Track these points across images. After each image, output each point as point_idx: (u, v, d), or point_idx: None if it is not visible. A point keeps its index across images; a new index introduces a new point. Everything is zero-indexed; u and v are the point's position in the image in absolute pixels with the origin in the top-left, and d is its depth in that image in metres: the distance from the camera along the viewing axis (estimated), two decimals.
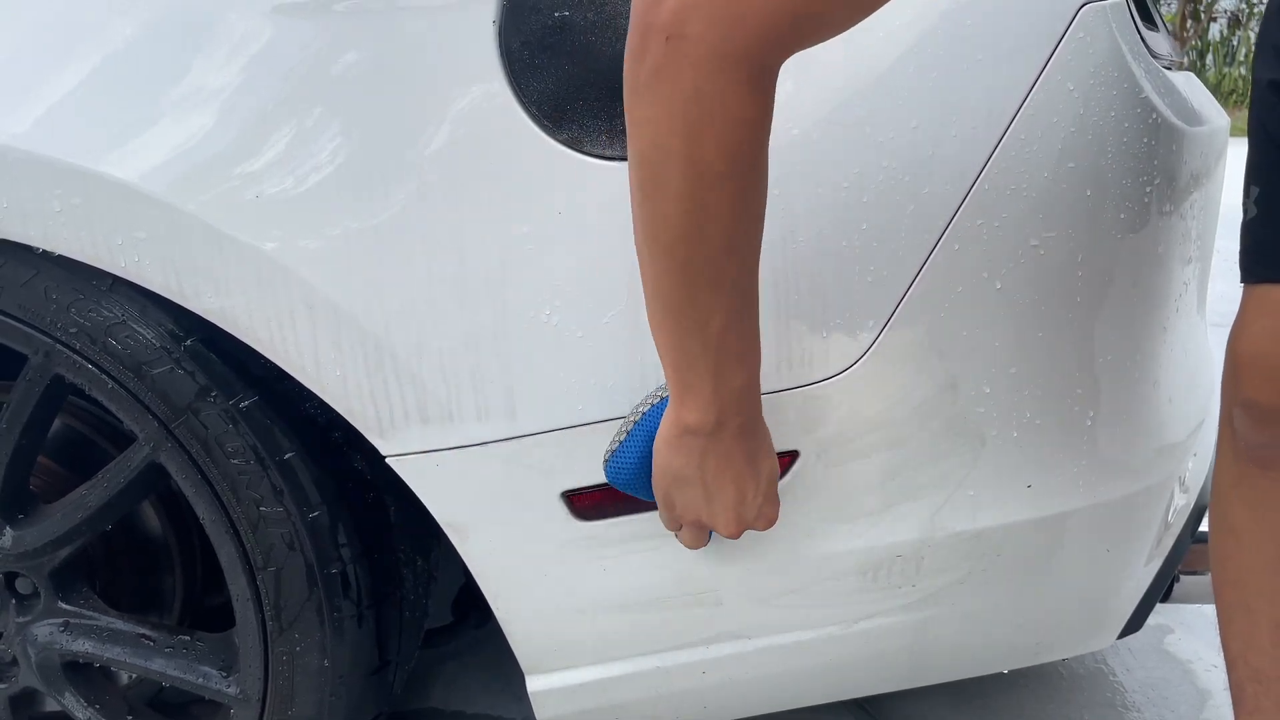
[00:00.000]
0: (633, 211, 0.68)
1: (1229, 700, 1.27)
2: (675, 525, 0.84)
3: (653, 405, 0.81)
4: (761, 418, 0.79)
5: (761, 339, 0.77)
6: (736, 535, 0.82)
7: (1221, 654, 0.92)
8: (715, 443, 0.76)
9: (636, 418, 0.81)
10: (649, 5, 0.60)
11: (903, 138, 0.78)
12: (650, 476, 0.81)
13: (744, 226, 0.67)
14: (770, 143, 0.77)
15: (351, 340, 0.82)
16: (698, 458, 0.77)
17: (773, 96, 0.63)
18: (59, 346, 0.88)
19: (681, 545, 0.85)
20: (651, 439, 0.80)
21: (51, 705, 1.12)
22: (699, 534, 0.84)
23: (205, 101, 0.79)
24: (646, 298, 0.72)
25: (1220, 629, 0.83)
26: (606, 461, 0.82)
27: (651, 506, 0.85)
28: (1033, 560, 0.92)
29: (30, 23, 0.83)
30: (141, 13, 0.80)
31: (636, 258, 0.71)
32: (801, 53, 0.77)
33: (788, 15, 0.60)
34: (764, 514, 0.81)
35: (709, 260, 0.67)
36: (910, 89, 0.78)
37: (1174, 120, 0.84)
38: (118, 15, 0.81)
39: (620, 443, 0.81)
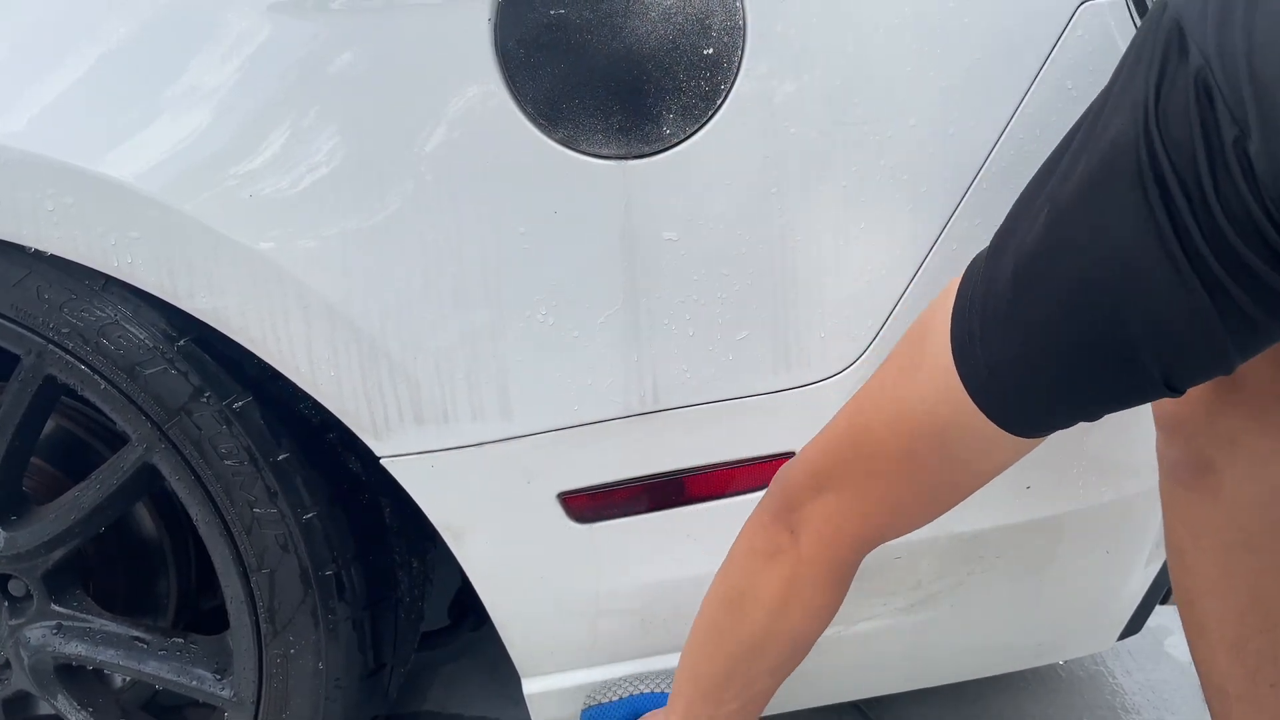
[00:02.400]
0: (702, 609, 0.84)
1: None
2: None
3: (654, 692, 0.88)
4: None
5: (770, 337, 0.79)
6: None
7: None
8: None
9: (635, 691, 0.89)
10: (787, 498, 0.77)
11: (901, 137, 0.78)
12: None
13: (792, 663, 0.82)
14: (771, 143, 0.77)
15: (346, 340, 0.81)
16: None
17: (846, 587, 0.79)
18: (51, 347, 0.87)
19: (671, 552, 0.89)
20: (632, 716, 0.89)
21: (45, 708, 1.11)
22: None
23: (200, 100, 0.78)
24: (688, 648, 0.84)
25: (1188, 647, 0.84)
26: (587, 708, 0.90)
27: (651, 507, 0.85)
28: (1032, 562, 0.92)
29: (25, 21, 0.83)
30: (137, 11, 0.80)
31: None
32: (801, 53, 0.77)
33: (879, 536, 0.75)
34: None
35: (751, 676, 0.82)
36: (908, 88, 0.78)
37: None
38: (113, 14, 0.80)
39: (610, 701, 0.89)
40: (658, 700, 0.88)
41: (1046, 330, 0.60)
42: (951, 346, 0.65)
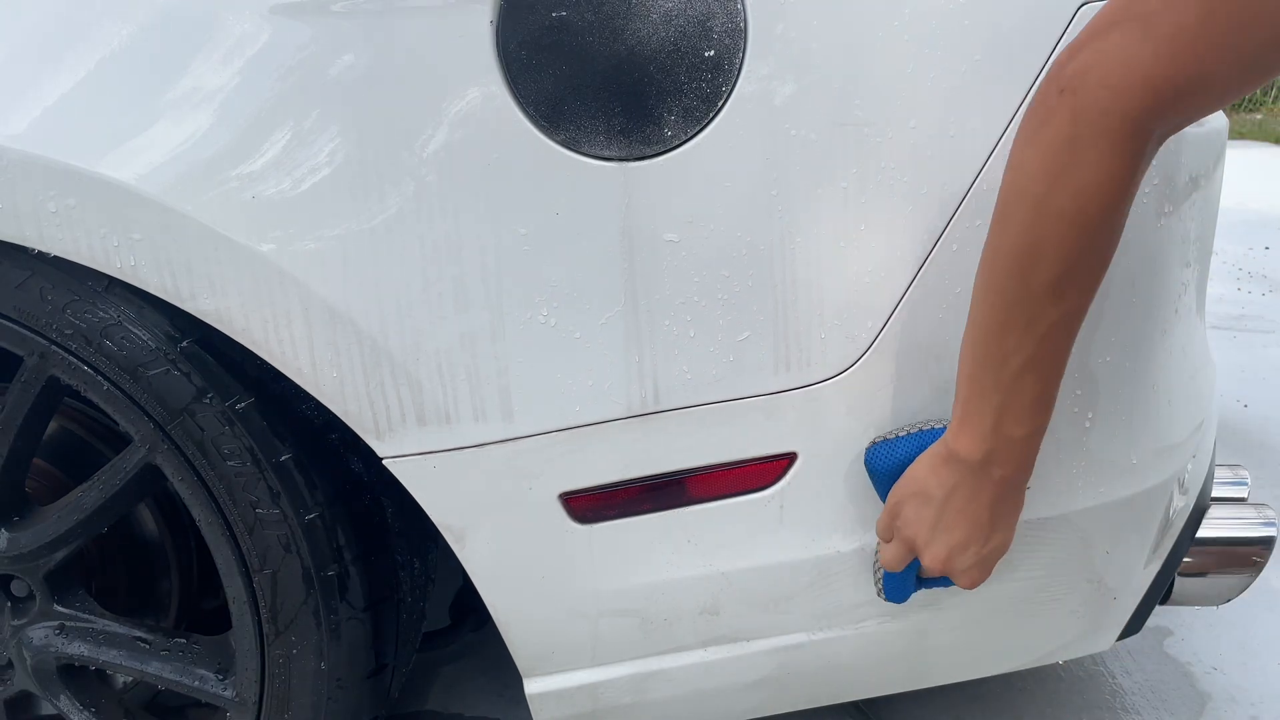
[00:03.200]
0: (988, 231, 0.72)
1: (1229, 702, 1.27)
2: (887, 535, 0.84)
3: (942, 425, 0.82)
4: (1024, 488, 0.79)
5: (771, 338, 0.77)
6: (936, 574, 0.83)
7: (1221, 657, 0.91)
8: (973, 479, 0.77)
9: (925, 426, 0.83)
10: (1059, 63, 0.65)
11: (901, 138, 0.78)
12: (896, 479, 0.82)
13: (1076, 280, 0.69)
14: (772, 144, 0.77)
15: (348, 341, 0.81)
16: (951, 484, 0.78)
17: (1145, 162, 0.66)
18: (54, 348, 0.87)
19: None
20: (920, 450, 0.81)
21: (47, 709, 1.11)
22: (903, 555, 0.84)
23: (202, 102, 0.79)
24: (969, 316, 0.74)
25: None
26: (874, 444, 0.83)
27: (652, 507, 0.85)
28: (1031, 562, 0.92)
29: (27, 23, 0.83)
30: (138, 13, 0.80)
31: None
32: (802, 55, 0.77)
33: (1171, 86, 0.62)
34: (971, 574, 0.82)
35: (1030, 300, 0.69)
36: (909, 90, 0.78)
37: None
38: (114, 16, 0.80)
39: (898, 436, 0.83)
40: (937, 433, 0.82)
41: None
42: None
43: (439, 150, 0.78)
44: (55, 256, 0.83)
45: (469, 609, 1.20)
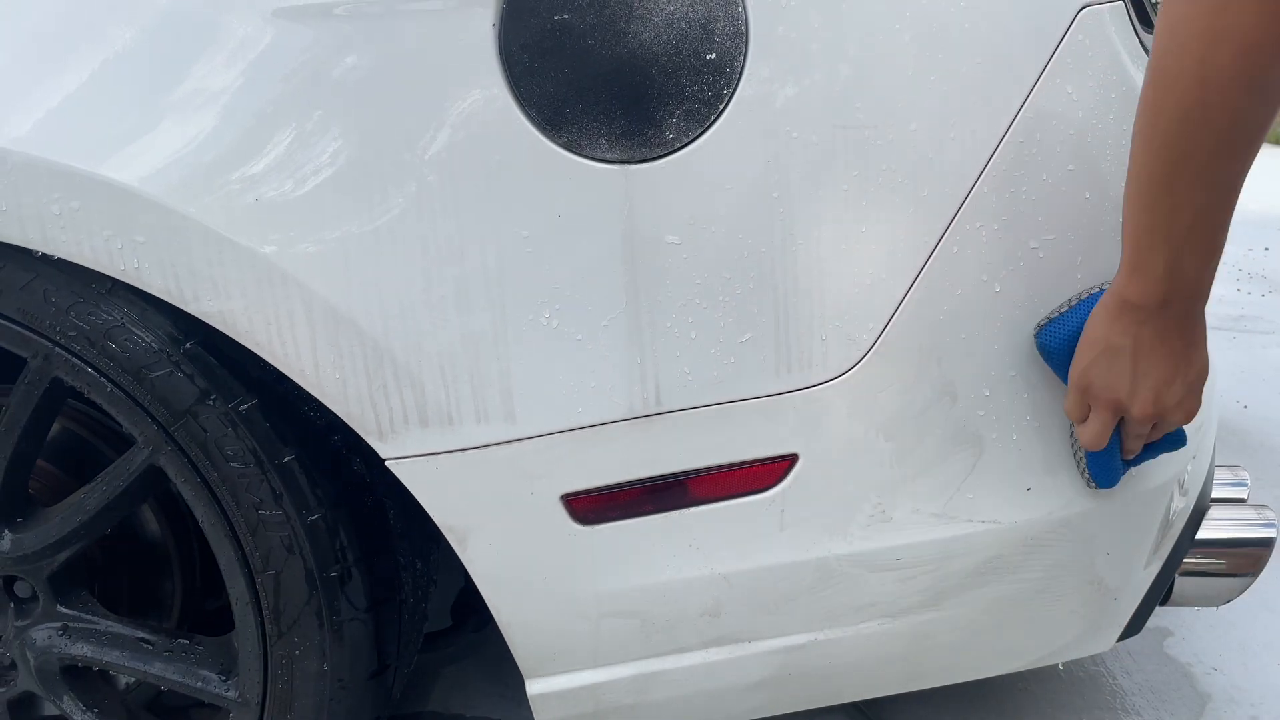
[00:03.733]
0: (1142, 89, 0.70)
1: (1229, 703, 1.27)
2: (1083, 412, 0.81)
3: (1103, 287, 0.79)
4: (1203, 311, 0.77)
5: (772, 340, 0.77)
6: (1150, 420, 0.80)
7: (1221, 658, 0.91)
8: (1155, 319, 0.75)
9: (1084, 295, 0.79)
10: None
11: (902, 141, 0.79)
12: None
13: (1244, 135, 0.67)
14: (773, 147, 0.77)
15: (351, 343, 0.82)
16: (1134, 330, 0.76)
17: None
18: (58, 349, 0.88)
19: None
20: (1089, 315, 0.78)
21: (50, 709, 1.11)
22: (1106, 421, 0.81)
23: (205, 105, 0.79)
24: (1130, 171, 0.72)
25: None
26: (1042, 327, 0.81)
27: (654, 509, 0.85)
28: (1032, 563, 0.92)
29: (30, 26, 0.83)
30: (141, 16, 0.80)
31: (1132, 131, 0.72)
32: (803, 58, 0.77)
33: None
34: (1184, 405, 0.79)
35: (1199, 157, 0.68)
36: (909, 92, 0.78)
37: None
38: (117, 18, 0.81)
39: (1061, 312, 0.80)
40: (1099, 295, 0.80)
41: None
42: None
43: (441, 152, 0.78)
44: (59, 259, 0.84)
45: (471, 610, 1.20)
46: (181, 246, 0.80)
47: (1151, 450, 0.87)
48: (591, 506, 0.87)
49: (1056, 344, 0.81)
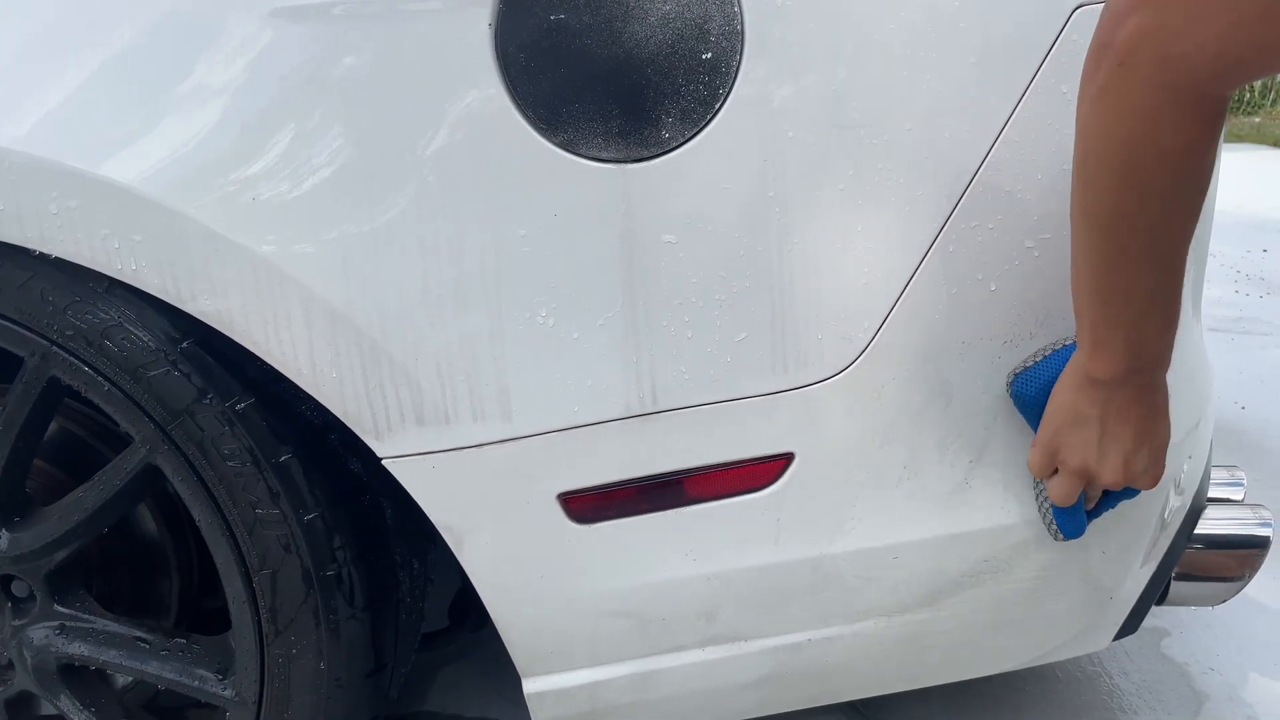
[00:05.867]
0: (1072, 183, 0.72)
1: (1226, 703, 1.27)
2: (1047, 470, 0.84)
3: (1069, 342, 0.81)
4: (1165, 379, 0.79)
5: (769, 339, 0.77)
6: (1119, 485, 0.82)
7: (1218, 658, 0.92)
8: (1120, 390, 0.77)
9: (1057, 346, 0.82)
10: (1108, 25, 0.64)
11: (897, 140, 0.79)
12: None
13: (1180, 214, 0.69)
14: (769, 146, 0.77)
15: (348, 342, 0.82)
16: (1101, 402, 0.78)
17: (1217, 121, 0.65)
18: (55, 349, 0.88)
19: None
20: (1061, 368, 0.81)
21: (47, 709, 1.11)
22: (1074, 483, 0.83)
23: (203, 104, 0.79)
24: (1073, 259, 0.74)
25: None
26: (1016, 375, 0.83)
27: (650, 508, 0.86)
28: (1029, 563, 0.92)
29: (29, 26, 0.83)
30: (139, 15, 0.80)
31: (1070, 220, 0.74)
32: (799, 58, 0.77)
33: (1233, 56, 0.61)
34: (1150, 472, 0.81)
35: (1140, 241, 0.70)
36: (905, 92, 0.78)
37: None
38: (116, 18, 0.81)
39: (1035, 363, 0.82)
40: (1073, 348, 0.82)
41: None
42: None
43: (438, 152, 0.78)
44: (57, 258, 0.84)
45: (468, 609, 1.20)
46: (179, 246, 0.80)
47: (1111, 499, 0.90)
48: (588, 505, 0.87)
49: (1030, 394, 0.83)
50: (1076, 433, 0.80)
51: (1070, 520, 0.88)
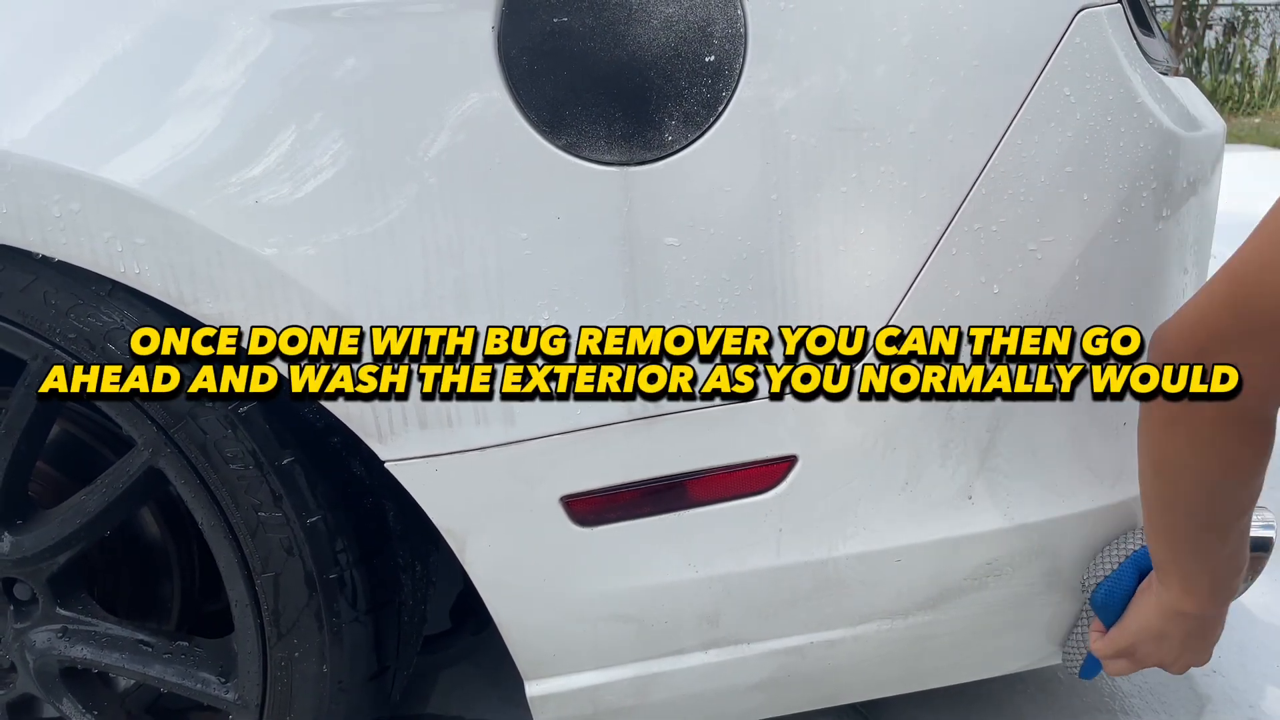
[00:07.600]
0: (1142, 481, 0.83)
1: (1227, 705, 1.27)
2: (1116, 655, 0.94)
3: (1144, 545, 0.91)
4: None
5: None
6: (1181, 674, 0.96)
7: (1219, 659, 0.93)
8: (1202, 620, 0.89)
9: (1128, 552, 0.92)
10: (1166, 355, 0.74)
11: (900, 143, 0.79)
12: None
13: (1247, 501, 0.80)
14: (772, 149, 0.77)
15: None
16: (1185, 628, 0.89)
17: (1270, 433, 0.75)
18: (58, 352, 0.88)
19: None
20: (1139, 575, 0.91)
21: (50, 712, 1.11)
22: (1135, 669, 0.95)
23: (204, 107, 0.79)
24: (1156, 530, 0.84)
25: None
26: (1099, 585, 0.93)
27: (653, 510, 0.86)
28: (1032, 564, 0.92)
29: (29, 28, 0.83)
30: (141, 18, 0.81)
31: (1144, 504, 0.84)
32: (802, 61, 0.77)
33: (1275, 389, 0.72)
34: (1203, 660, 0.94)
35: (1217, 527, 0.81)
36: (907, 94, 0.78)
37: (1170, 125, 0.84)
38: (117, 21, 0.81)
39: (1113, 572, 0.92)
40: (1143, 553, 0.92)
41: None
42: None
43: (440, 154, 0.78)
44: (59, 261, 0.84)
45: (470, 612, 1.20)
46: (181, 249, 0.80)
47: None
48: (591, 508, 0.87)
49: (1112, 602, 0.93)
50: (1159, 645, 0.91)
51: (1095, 669, 0.99)
